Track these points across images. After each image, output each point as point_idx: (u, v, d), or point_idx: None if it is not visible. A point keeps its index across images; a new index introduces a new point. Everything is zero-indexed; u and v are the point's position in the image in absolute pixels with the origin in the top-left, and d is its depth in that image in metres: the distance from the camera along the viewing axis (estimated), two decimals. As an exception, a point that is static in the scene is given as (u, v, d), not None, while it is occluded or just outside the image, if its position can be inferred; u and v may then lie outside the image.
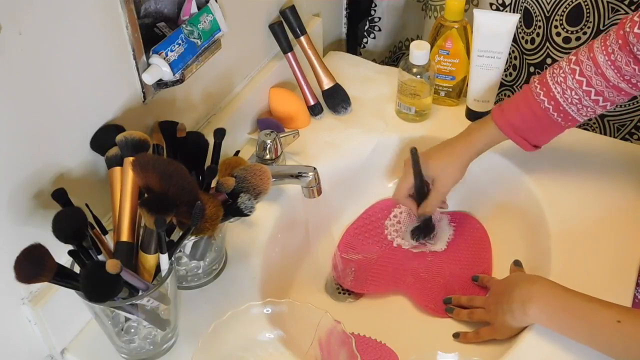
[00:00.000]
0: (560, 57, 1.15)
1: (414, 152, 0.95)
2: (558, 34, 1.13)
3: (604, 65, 0.83)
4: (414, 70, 1.05)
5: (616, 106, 0.89)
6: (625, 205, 0.95)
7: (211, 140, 0.83)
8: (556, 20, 1.12)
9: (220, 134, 0.83)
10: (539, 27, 1.15)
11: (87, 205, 0.71)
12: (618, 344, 0.71)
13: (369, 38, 1.38)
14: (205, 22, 0.82)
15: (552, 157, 1.00)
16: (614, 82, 0.83)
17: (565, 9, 1.10)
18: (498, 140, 0.95)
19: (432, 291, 0.97)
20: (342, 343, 0.76)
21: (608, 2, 1.07)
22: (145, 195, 0.68)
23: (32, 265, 0.61)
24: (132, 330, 0.74)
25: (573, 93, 0.86)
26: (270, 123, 1.05)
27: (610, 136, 1.20)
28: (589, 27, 1.10)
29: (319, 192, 0.91)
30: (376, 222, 1.08)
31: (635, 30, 0.78)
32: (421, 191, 0.98)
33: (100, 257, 0.69)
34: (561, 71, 0.87)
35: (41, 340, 0.76)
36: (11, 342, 0.73)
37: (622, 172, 1.01)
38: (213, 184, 0.78)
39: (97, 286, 0.63)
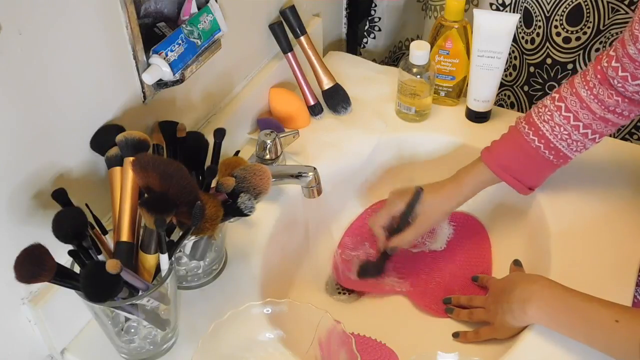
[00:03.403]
0: (561, 57, 1.15)
1: (419, 191, 0.93)
2: (558, 34, 1.13)
3: (588, 99, 0.84)
4: (414, 70, 1.05)
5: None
6: (625, 205, 0.95)
7: (211, 140, 0.83)
8: (556, 20, 1.12)
9: (220, 134, 0.83)
10: (539, 27, 1.15)
11: (87, 205, 0.71)
12: (616, 343, 0.71)
13: (369, 38, 1.38)
14: (205, 22, 0.82)
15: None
16: (600, 114, 0.84)
17: (565, 9, 1.10)
18: (488, 183, 0.93)
19: (432, 291, 0.97)
20: (342, 343, 0.76)
21: (608, 2, 1.07)
22: (145, 195, 0.68)
23: (32, 265, 0.61)
24: (132, 330, 0.74)
25: (562, 129, 0.86)
26: (270, 123, 1.04)
27: (610, 136, 1.19)
28: (588, 27, 1.10)
29: (319, 192, 0.91)
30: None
31: (613, 64, 0.80)
32: (402, 226, 0.95)
33: (100, 257, 0.69)
34: (546, 109, 0.88)
35: (41, 340, 0.76)
36: (11, 342, 0.73)
37: (622, 172, 1.01)
38: (213, 184, 0.78)
39: (97, 286, 0.63)
